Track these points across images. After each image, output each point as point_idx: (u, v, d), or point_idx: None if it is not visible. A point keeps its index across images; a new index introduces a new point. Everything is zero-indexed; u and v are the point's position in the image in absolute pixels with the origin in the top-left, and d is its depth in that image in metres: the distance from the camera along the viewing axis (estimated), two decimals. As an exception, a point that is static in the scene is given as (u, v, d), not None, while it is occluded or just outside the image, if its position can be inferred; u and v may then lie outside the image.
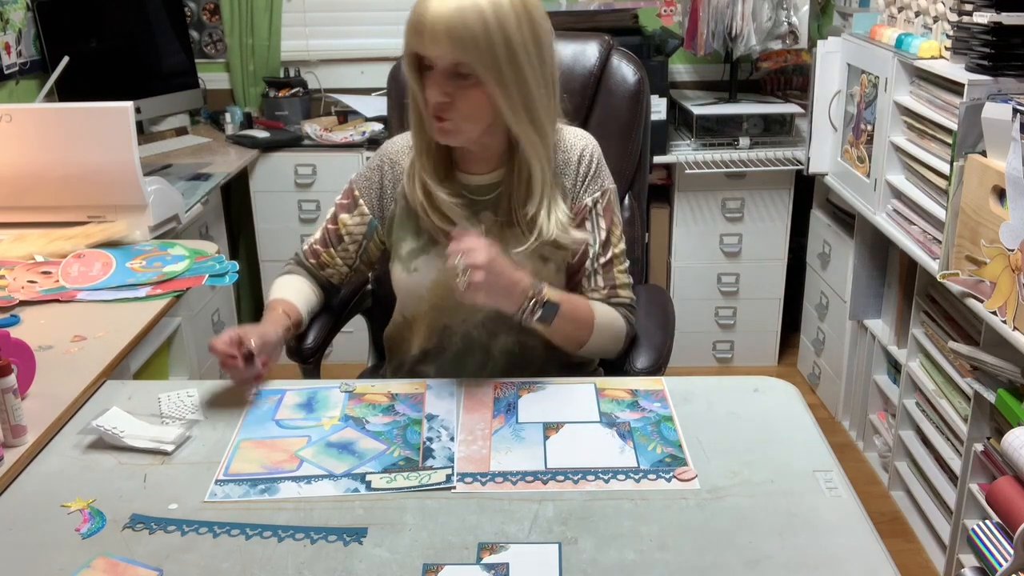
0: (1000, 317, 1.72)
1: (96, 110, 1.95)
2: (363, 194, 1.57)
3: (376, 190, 1.56)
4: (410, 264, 1.51)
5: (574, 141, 1.51)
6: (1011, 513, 1.33)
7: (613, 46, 1.83)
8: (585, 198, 1.50)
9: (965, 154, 1.84)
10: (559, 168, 1.49)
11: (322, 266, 1.61)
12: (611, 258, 1.53)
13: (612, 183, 1.55)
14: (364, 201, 1.57)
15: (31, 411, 1.27)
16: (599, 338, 1.50)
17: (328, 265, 1.61)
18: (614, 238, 1.53)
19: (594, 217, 1.51)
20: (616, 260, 1.54)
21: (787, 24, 2.88)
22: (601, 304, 1.52)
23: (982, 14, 1.88)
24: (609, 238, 1.52)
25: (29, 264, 1.81)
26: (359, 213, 1.57)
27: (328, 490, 1.16)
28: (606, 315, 1.51)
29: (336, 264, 1.60)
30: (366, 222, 1.57)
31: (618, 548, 1.04)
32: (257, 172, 3.06)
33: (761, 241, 3.10)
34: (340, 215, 1.58)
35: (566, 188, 1.50)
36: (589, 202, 1.50)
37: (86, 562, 1.03)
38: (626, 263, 1.56)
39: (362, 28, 3.34)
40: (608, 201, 1.52)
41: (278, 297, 1.56)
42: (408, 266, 1.51)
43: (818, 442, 1.25)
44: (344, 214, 1.58)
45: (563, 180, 1.50)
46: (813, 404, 2.83)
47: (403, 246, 1.52)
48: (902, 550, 2.30)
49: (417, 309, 1.55)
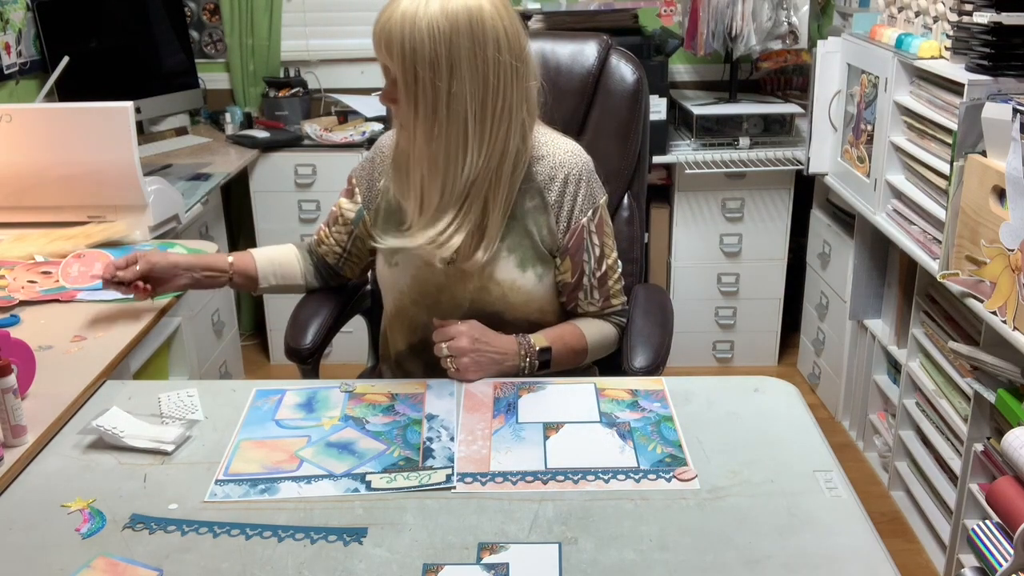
0: (1000, 317, 1.72)
1: (96, 110, 1.95)
2: (359, 184, 1.62)
3: (368, 181, 1.60)
4: (392, 258, 1.54)
5: (561, 159, 1.49)
6: (1011, 513, 1.33)
7: (612, 46, 1.83)
8: (580, 218, 1.51)
9: (965, 154, 1.84)
10: (542, 183, 1.48)
11: (319, 243, 1.68)
12: (605, 271, 1.56)
13: (603, 193, 1.55)
14: (359, 191, 1.61)
15: (31, 411, 1.27)
16: (593, 355, 1.58)
17: (324, 242, 1.67)
18: (607, 250, 1.56)
19: (588, 235, 1.52)
20: (610, 272, 1.57)
21: (787, 24, 2.88)
22: (591, 322, 1.58)
23: (982, 14, 1.88)
24: (603, 251, 1.55)
25: (29, 264, 1.81)
26: (354, 201, 1.62)
27: (328, 490, 1.16)
28: (597, 334, 1.57)
29: (330, 243, 1.66)
30: (355, 210, 1.62)
31: (618, 548, 1.04)
32: (257, 172, 3.06)
33: (761, 241, 3.10)
34: (341, 198, 1.65)
35: (548, 203, 1.49)
36: (584, 221, 1.51)
37: (86, 562, 1.03)
38: (619, 270, 1.59)
39: (362, 28, 3.34)
40: (600, 216, 1.54)
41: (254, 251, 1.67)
42: (390, 260, 1.55)
43: (818, 442, 1.25)
44: (343, 198, 1.65)
45: (546, 195, 1.49)
46: (813, 404, 2.83)
47: (387, 239, 1.53)
48: (902, 550, 2.30)
49: (400, 303, 1.57)
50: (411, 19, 1.30)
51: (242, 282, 1.65)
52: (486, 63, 1.34)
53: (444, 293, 1.52)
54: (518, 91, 1.39)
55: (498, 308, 1.51)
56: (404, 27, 1.30)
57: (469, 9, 1.32)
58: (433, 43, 1.30)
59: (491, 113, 1.37)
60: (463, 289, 1.50)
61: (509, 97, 1.38)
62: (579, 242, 1.51)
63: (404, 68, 1.32)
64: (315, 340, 1.66)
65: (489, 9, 1.34)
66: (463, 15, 1.31)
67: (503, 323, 1.51)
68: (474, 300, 1.51)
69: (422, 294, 1.53)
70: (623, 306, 1.61)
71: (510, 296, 1.50)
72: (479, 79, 1.34)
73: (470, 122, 1.36)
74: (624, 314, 1.61)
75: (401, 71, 1.33)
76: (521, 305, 1.51)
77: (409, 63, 1.31)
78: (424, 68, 1.31)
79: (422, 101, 1.34)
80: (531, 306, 1.53)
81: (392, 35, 1.31)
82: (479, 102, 1.35)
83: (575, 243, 1.51)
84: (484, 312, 1.50)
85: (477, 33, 1.32)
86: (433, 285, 1.52)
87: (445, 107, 1.34)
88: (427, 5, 1.31)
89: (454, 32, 1.31)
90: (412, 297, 1.54)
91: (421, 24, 1.30)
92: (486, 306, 1.51)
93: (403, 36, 1.30)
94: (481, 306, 1.51)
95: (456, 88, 1.33)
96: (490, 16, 1.33)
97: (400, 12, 1.31)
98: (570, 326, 1.55)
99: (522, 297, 1.51)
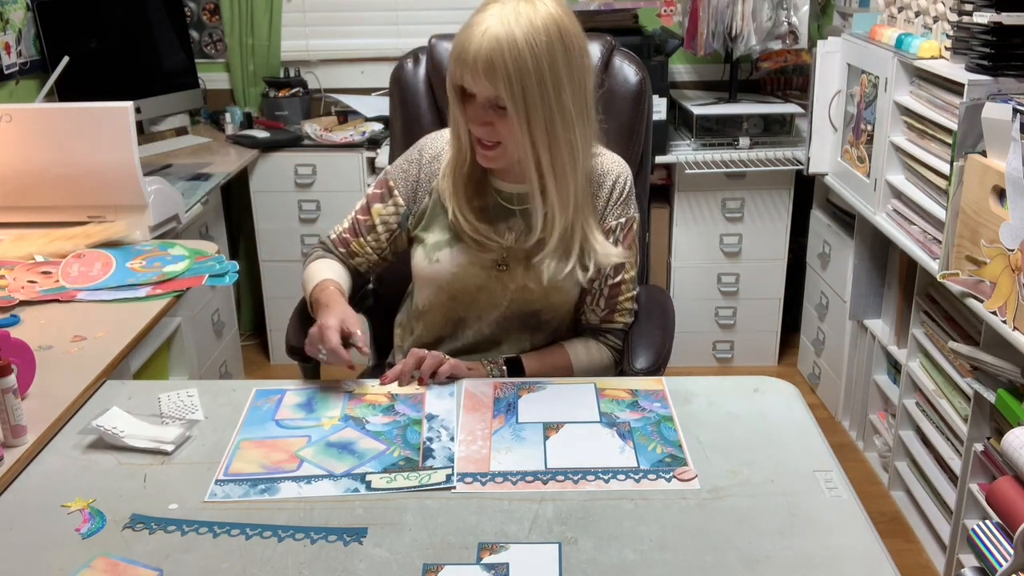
0: (1000, 317, 1.72)
1: (96, 110, 1.95)
2: (398, 184, 1.59)
3: (412, 182, 1.58)
4: (433, 255, 1.53)
5: (610, 167, 1.54)
6: (1011, 513, 1.33)
7: (615, 47, 1.83)
8: (610, 220, 1.53)
9: (965, 154, 1.84)
10: (593, 189, 1.52)
11: (351, 255, 1.62)
12: (619, 282, 1.56)
13: (638, 212, 1.58)
14: (399, 192, 1.59)
15: (31, 411, 1.27)
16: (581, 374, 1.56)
17: (358, 254, 1.62)
18: (628, 264, 1.56)
19: (613, 240, 1.53)
20: (624, 286, 1.57)
21: (787, 24, 2.88)
22: (580, 344, 1.58)
23: (982, 14, 1.88)
24: (623, 263, 1.55)
25: (29, 264, 1.81)
26: (393, 203, 1.59)
27: (328, 490, 1.16)
28: (584, 359, 1.57)
29: (366, 253, 1.61)
30: (400, 212, 1.59)
31: (618, 548, 1.04)
32: (257, 172, 3.06)
33: (761, 241, 3.10)
34: (373, 205, 1.60)
35: (596, 208, 1.52)
36: (613, 224, 1.53)
37: (86, 562, 1.03)
38: (634, 291, 1.59)
39: (362, 28, 3.34)
40: (631, 228, 1.55)
41: (328, 277, 1.55)
42: (431, 256, 1.54)
43: (818, 442, 1.25)
44: (377, 204, 1.60)
45: (595, 202, 1.52)
46: (813, 404, 2.83)
47: (429, 236, 1.55)
48: (902, 550, 2.30)
49: (435, 298, 1.57)
50: (509, 41, 1.30)
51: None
52: (579, 67, 1.38)
53: (483, 292, 1.53)
54: (595, 89, 1.44)
55: (538, 307, 1.53)
56: (504, 50, 1.30)
57: (554, 19, 1.34)
58: (536, 60, 1.32)
59: (588, 113, 1.42)
60: (504, 288, 1.52)
61: (592, 97, 1.43)
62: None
63: (513, 91, 1.32)
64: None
65: (566, 16, 1.37)
66: (552, 26, 1.34)
67: (540, 323, 1.54)
68: (514, 299, 1.52)
69: (462, 291, 1.54)
70: (624, 327, 1.60)
71: (552, 296, 1.52)
72: (575, 84, 1.38)
73: (576, 126, 1.39)
74: (623, 334, 1.61)
75: (510, 94, 1.33)
76: (560, 304, 1.54)
77: (518, 85, 1.32)
78: (532, 86, 1.33)
79: (535, 118, 1.35)
80: (567, 306, 1.56)
81: (493, 60, 1.31)
82: (580, 105, 1.39)
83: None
84: (522, 311, 1.53)
85: (567, 40, 1.35)
86: (474, 284, 1.52)
87: (558, 117, 1.36)
88: (517, 22, 1.31)
89: (550, 44, 1.33)
90: (450, 293, 1.55)
91: (521, 44, 1.30)
92: (525, 305, 1.53)
93: (505, 59, 1.30)
94: (520, 305, 1.53)
95: (564, 97, 1.36)
96: (569, 23, 1.37)
97: (493, 35, 1.31)
98: (555, 349, 1.57)
99: (562, 296, 1.53)
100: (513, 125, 1.36)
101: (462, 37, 1.34)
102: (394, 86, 1.89)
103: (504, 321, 1.55)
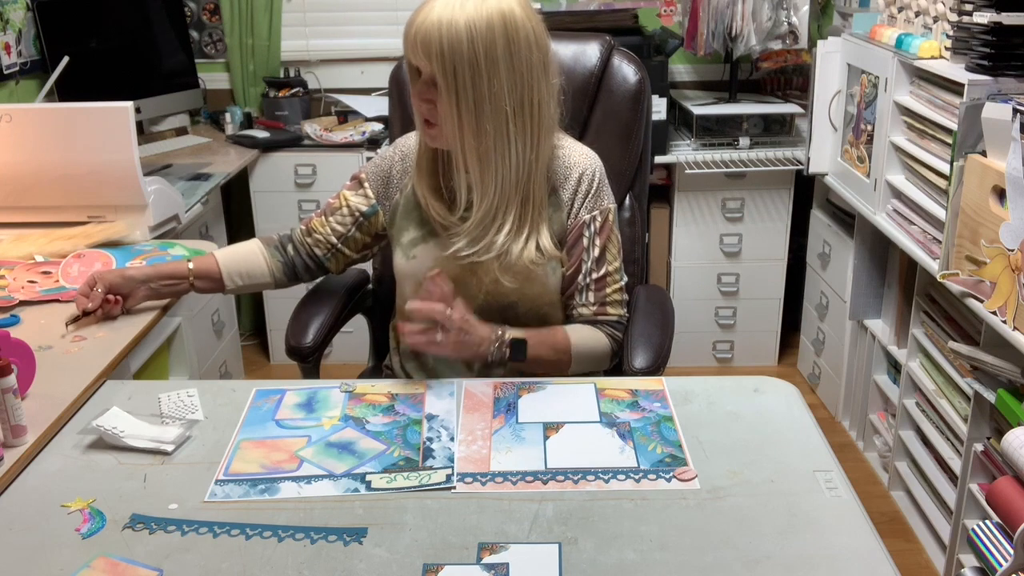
0: (1000, 317, 1.72)
1: (96, 110, 1.95)
2: (369, 179, 1.63)
3: (383, 178, 1.62)
4: (410, 252, 1.57)
5: (577, 159, 1.55)
6: (1011, 513, 1.33)
7: (614, 46, 1.83)
8: (583, 214, 1.54)
9: (965, 154, 1.84)
10: (557, 182, 1.53)
11: (310, 231, 1.65)
12: (604, 275, 1.56)
13: (613, 203, 1.59)
14: (369, 186, 1.63)
15: (31, 411, 1.27)
16: (580, 362, 1.56)
17: (315, 231, 1.65)
18: (609, 256, 1.57)
19: (590, 234, 1.54)
20: (609, 278, 1.57)
21: (787, 24, 2.88)
22: (581, 328, 1.57)
23: (982, 14, 1.88)
24: (604, 255, 1.56)
25: (29, 264, 1.81)
26: (363, 194, 1.63)
27: (328, 490, 1.16)
28: (585, 340, 1.56)
29: (324, 232, 1.64)
30: (369, 203, 1.63)
31: (618, 548, 1.04)
32: (257, 172, 3.06)
33: (761, 241, 3.10)
34: (345, 191, 1.65)
35: (562, 200, 1.53)
36: (587, 218, 1.54)
37: (86, 562, 1.03)
38: (621, 282, 1.60)
39: (362, 28, 3.34)
40: (606, 220, 1.56)
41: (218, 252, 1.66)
42: (408, 253, 1.57)
43: (818, 442, 1.25)
44: (347, 191, 1.65)
45: (560, 193, 1.53)
46: (813, 404, 2.83)
47: (405, 235, 1.58)
48: (902, 550, 2.30)
49: (415, 295, 1.56)
50: (448, 22, 1.35)
51: (206, 286, 1.64)
52: (520, 61, 1.40)
53: (459, 285, 1.52)
54: (547, 86, 1.46)
55: (513, 299, 1.53)
56: (442, 30, 1.35)
57: (502, 11, 1.38)
58: (472, 44, 1.36)
59: (528, 107, 1.43)
60: (479, 281, 1.52)
61: (541, 92, 1.45)
62: (577, 236, 1.54)
63: (444, 69, 1.37)
64: (316, 339, 1.66)
65: (519, 11, 1.40)
66: (497, 16, 1.38)
67: (517, 315, 1.54)
68: (489, 292, 1.53)
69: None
70: (620, 318, 1.60)
71: (526, 288, 1.52)
72: (515, 76, 1.40)
73: (511, 117, 1.42)
74: (620, 327, 1.60)
75: (441, 72, 1.38)
76: (536, 296, 1.54)
77: (449, 64, 1.37)
78: (464, 68, 1.37)
79: (464, 100, 1.39)
80: (544, 299, 1.56)
81: (430, 38, 1.36)
82: (518, 98, 1.42)
83: (573, 236, 1.54)
84: (499, 304, 1.53)
85: (511, 33, 1.39)
86: (450, 276, 1.52)
87: (488, 103, 1.40)
88: (462, 7, 1.36)
89: (490, 32, 1.37)
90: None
91: (459, 26, 1.35)
92: (501, 298, 1.53)
93: (441, 38, 1.35)
94: (496, 298, 1.53)
95: (496, 86, 1.39)
96: (521, 17, 1.40)
97: (436, 15, 1.36)
98: (556, 329, 1.56)
99: (537, 288, 1.53)
100: (444, 103, 1.40)
101: (413, 15, 1.39)
102: (394, 86, 1.89)
103: (482, 315, 1.52)
